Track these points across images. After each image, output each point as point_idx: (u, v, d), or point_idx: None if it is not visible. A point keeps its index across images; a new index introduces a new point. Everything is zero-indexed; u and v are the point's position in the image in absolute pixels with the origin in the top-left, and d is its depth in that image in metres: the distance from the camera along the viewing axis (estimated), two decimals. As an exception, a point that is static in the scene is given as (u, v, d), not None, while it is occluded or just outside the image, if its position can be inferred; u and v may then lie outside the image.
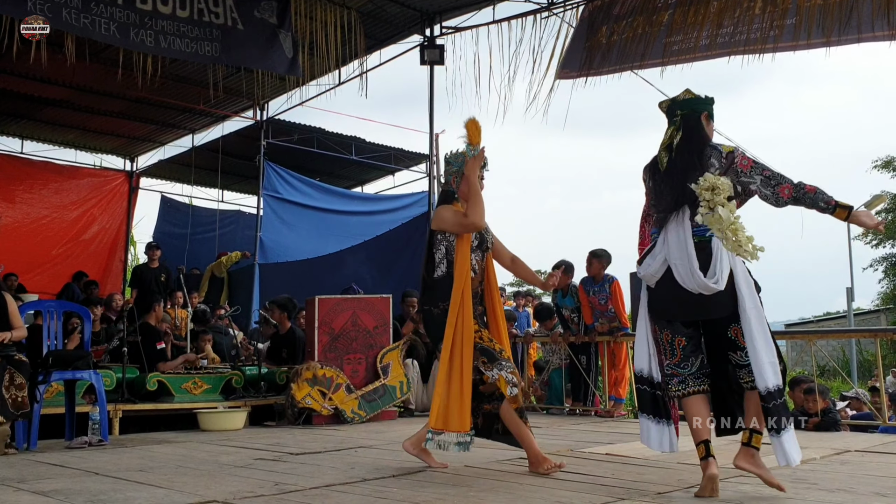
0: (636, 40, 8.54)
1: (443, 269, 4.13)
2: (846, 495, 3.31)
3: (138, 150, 14.60)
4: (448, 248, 4.14)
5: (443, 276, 4.11)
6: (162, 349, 7.84)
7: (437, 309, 4.09)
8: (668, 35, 8.33)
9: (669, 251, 3.36)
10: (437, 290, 4.11)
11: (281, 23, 8.92)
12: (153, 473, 4.18)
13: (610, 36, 8.79)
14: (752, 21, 7.73)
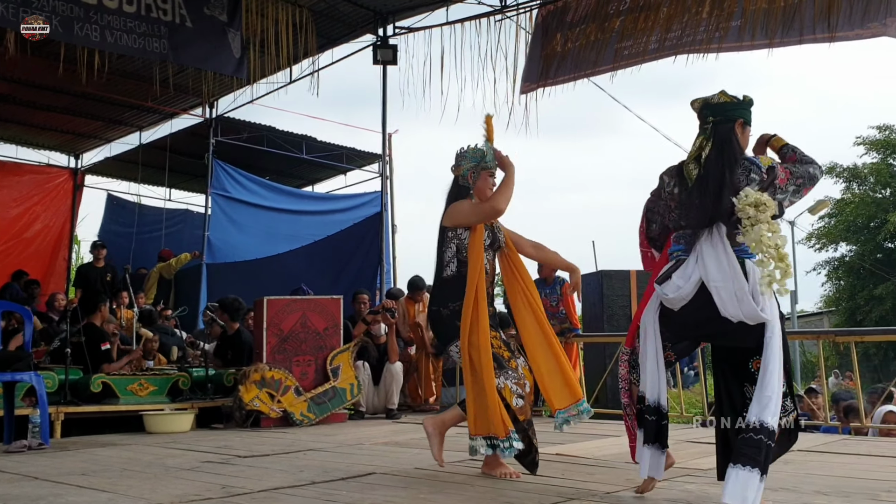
0: (589, 47, 8.62)
1: (452, 268, 4.00)
2: (789, 494, 3.38)
3: (83, 146, 14.28)
4: (459, 246, 4.01)
5: (453, 276, 3.99)
6: (107, 350, 7.66)
7: (445, 310, 3.97)
8: (619, 41, 8.42)
9: (708, 273, 3.03)
10: (446, 289, 4.00)
11: (231, 20, 8.81)
12: (96, 477, 4.08)
13: (564, 44, 8.86)
14: (700, 24, 7.86)
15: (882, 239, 26.30)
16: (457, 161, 4.14)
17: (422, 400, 8.66)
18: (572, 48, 8.79)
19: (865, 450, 4.80)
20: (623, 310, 8.75)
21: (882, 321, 24.85)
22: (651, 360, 3.20)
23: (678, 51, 7.98)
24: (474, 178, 4.09)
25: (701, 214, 3.10)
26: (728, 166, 3.12)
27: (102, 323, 7.96)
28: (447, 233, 4.03)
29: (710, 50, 7.79)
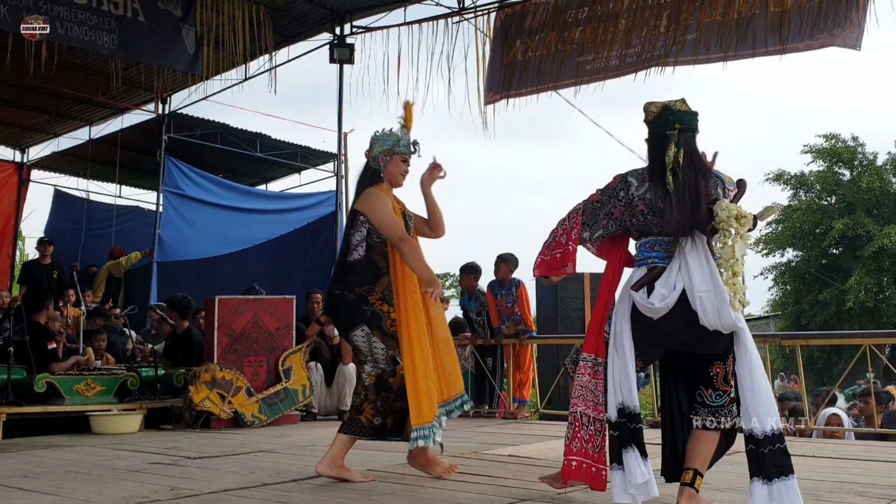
0: (550, 58, 8.67)
1: (360, 252, 3.89)
2: (736, 494, 3.44)
3: (30, 140, 13.96)
4: (371, 230, 3.88)
5: (360, 260, 3.88)
6: (53, 349, 7.49)
7: (351, 294, 3.85)
8: (580, 54, 8.49)
9: (693, 282, 2.99)
10: (352, 274, 3.88)
11: (185, 16, 8.68)
12: (40, 479, 3.98)
13: (525, 52, 8.91)
14: (658, 39, 7.97)
15: (827, 245, 26.94)
16: (370, 144, 4.04)
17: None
18: (533, 57, 8.83)
19: (809, 451, 4.91)
20: (577, 312, 8.84)
21: (826, 325, 25.46)
22: (628, 369, 3.12)
23: (638, 67, 8.07)
24: (385, 161, 3.98)
25: (683, 223, 3.04)
26: (702, 176, 3.12)
27: (47, 321, 7.79)
28: (359, 216, 3.91)
29: (667, 63, 7.91)
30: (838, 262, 26.87)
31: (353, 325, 3.86)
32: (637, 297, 3.09)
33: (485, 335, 8.02)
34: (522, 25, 8.98)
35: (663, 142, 3.15)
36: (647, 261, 3.16)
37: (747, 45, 7.41)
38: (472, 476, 3.94)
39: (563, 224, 3.24)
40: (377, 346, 3.83)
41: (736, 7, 7.48)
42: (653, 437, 5.60)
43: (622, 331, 3.12)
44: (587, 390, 3.20)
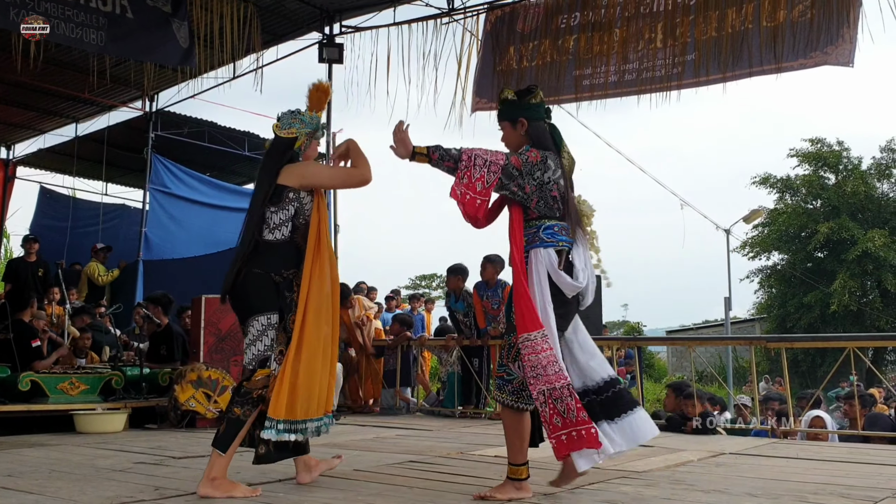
0: (546, 69, 8.68)
1: (285, 232, 3.63)
2: (721, 496, 3.46)
3: (16, 137, 13.87)
4: (298, 210, 3.64)
5: (284, 241, 3.63)
6: (37, 347, 7.45)
7: (278, 276, 3.59)
8: (577, 67, 8.51)
9: (587, 266, 3.40)
10: (274, 254, 3.60)
11: (175, 11, 8.63)
12: (23, 479, 3.96)
13: (520, 60, 8.91)
14: (656, 55, 8.00)
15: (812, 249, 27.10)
16: (286, 121, 3.78)
17: (362, 401, 8.63)
18: (529, 67, 8.84)
19: (794, 453, 4.95)
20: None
21: (810, 328, 25.62)
22: (561, 349, 3.32)
23: (641, 88, 8.10)
24: (306, 145, 3.80)
25: (573, 211, 3.45)
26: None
27: (32, 319, 7.75)
28: (287, 193, 3.62)
29: (671, 87, 7.96)
30: (823, 265, 27.04)
31: (264, 310, 3.56)
32: (565, 277, 3.33)
33: (471, 336, 8.04)
34: (514, 29, 8.99)
35: (548, 131, 3.52)
36: (557, 243, 3.38)
37: (744, 64, 7.47)
38: (459, 476, 3.95)
39: (482, 169, 3.31)
40: (265, 340, 3.55)
41: (730, 21, 7.54)
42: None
43: (547, 310, 3.29)
44: (540, 367, 3.25)
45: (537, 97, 3.57)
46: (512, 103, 3.58)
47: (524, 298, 3.29)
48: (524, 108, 3.56)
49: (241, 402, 3.50)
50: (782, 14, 7.27)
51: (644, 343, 13.81)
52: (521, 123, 3.54)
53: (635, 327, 30.61)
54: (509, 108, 3.59)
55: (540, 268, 3.33)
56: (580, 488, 3.60)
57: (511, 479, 3.40)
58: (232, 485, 3.45)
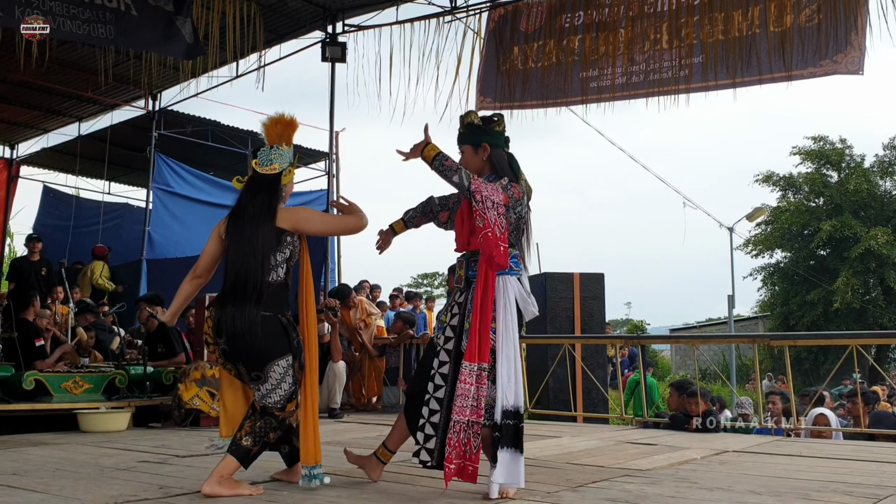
0: (552, 70, 8.67)
1: (280, 273, 3.61)
2: (724, 493, 3.46)
3: (19, 136, 13.89)
4: (292, 253, 3.65)
5: (280, 283, 3.61)
6: (41, 346, 7.47)
7: (284, 318, 3.60)
8: (583, 68, 8.50)
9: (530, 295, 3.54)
10: (276, 296, 3.59)
11: (178, 10, 8.64)
12: (28, 477, 3.97)
13: (525, 61, 8.91)
14: (662, 57, 7.99)
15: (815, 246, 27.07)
16: (265, 158, 3.78)
17: (365, 399, 8.63)
18: (535, 68, 8.83)
19: (797, 450, 4.94)
20: (566, 312, 8.85)
21: (813, 326, 25.60)
22: (518, 372, 3.35)
23: (649, 91, 8.10)
24: (287, 178, 3.79)
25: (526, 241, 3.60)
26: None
27: (35, 318, 7.76)
28: (285, 236, 3.62)
29: (679, 91, 7.95)
30: (826, 263, 27.01)
31: (280, 354, 3.54)
32: (532, 304, 3.48)
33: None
34: (517, 28, 8.98)
35: (509, 160, 3.61)
36: (517, 271, 3.49)
37: (753, 71, 7.47)
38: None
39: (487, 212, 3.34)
40: (288, 380, 3.54)
41: (736, 24, 7.52)
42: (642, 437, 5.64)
43: (514, 336, 3.34)
44: (469, 398, 3.27)
45: (501, 125, 3.64)
46: (477, 128, 3.61)
47: (486, 328, 3.31)
48: (488, 134, 3.61)
49: (276, 428, 3.54)
50: (789, 19, 7.26)
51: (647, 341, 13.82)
52: (484, 149, 3.59)
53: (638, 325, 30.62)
54: (473, 133, 3.62)
55: (509, 295, 3.39)
56: (584, 486, 3.61)
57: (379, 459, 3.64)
58: (236, 484, 3.46)
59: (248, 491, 3.44)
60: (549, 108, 8.92)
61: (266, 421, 3.50)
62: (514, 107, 9.07)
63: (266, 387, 3.52)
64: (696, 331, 29.29)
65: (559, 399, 8.19)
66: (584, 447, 5.15)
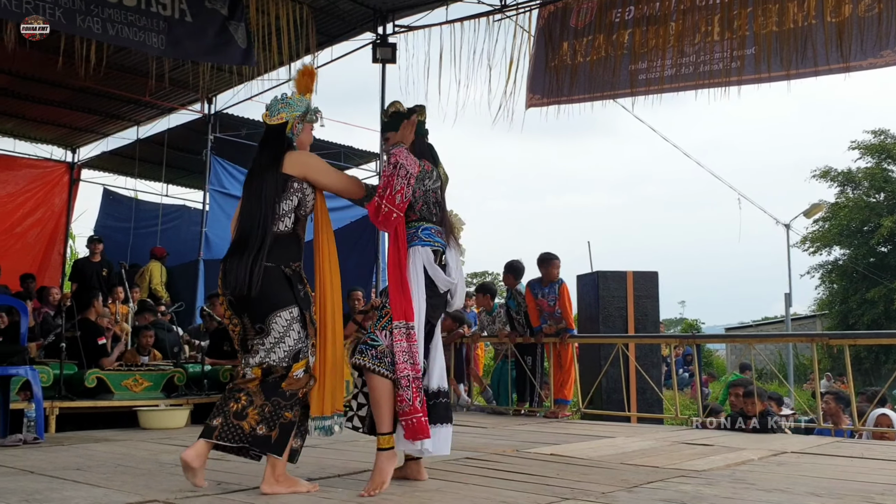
0: (601, 64, 8.61)
1: (288, 223, 3.52)
2: (782, 495, 3.39)
3: (80, 140, 14.25)
4: (302, 201, 3.54)
5: (287, 233, 3.52)
6: (103, 345, 7.67)
7: (287, 269, 3.48)
8: (632, 61, 8.43)
9: (457, 270, 3.75)
10: (281, 247, 3.49)
11: (232, 14, 8.78)
12: (91, 472, 4.08)
13: (574, 56, 8.86)
14: (713, 49, 7.87)
15: (875, 243, 26.37)
16: (275, 109, 3.69)
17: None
18: (583, 63, 8.77)
19: (858, 452, 4.83)
20: (619, 311, 8.76)
21: (874, 325, 24.93)
22: (421, 336, 3.59)
23: (698, 83, 7.99)
24: (298, 129, 3.68)
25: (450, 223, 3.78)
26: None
27: (97, 318, 7.97)
28: (291, 182, 3.52)
29: (731, 83, 7.82)
30: (886, 260, 26.28)
31: (283, 305, 3.43)
32: (440, 272, 3.65)
33: (524, 334, 8.03)
34: (567, 25, 8.94)
35: (429, 148, 3.85)
36: (433, 243, 3.68)
37: (809, 62, 7.31)
38: (515, 474, 3.95)
39: (401, 183, 3.53)
40: (293, 335, 3.44)
41: (791, 15, 7.36)
42: (699, 438, 5.57)
43: (420, 302, 3.57)
44: (407, 354, 3.50)
45: (423, 114, 3.90)
46: (401, 115, 3.82)
47: (405, 290, 3.54)
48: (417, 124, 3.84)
49: (289, 405, 3.41)
50: (848, 8, 7.07)
51: (702, 340, 13.62)
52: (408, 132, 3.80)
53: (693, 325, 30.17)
54: (398, 120, 3.80)
55: (418, 263, 3.61)
56: (639, 487, 3.58)
57: (382, 450, 3.53)
58: (293, 481, 3.48)
59: (306, 488, 3.47)
60: (597, 101, 8.86)
61: (274, 402, 3.37)
62: (561, 102, 9.03)
63: (269, 340, 3.42)
64: (752, 330, 28.72)
65: (612, 399, 8.12)
66: (639, 447, 5.10)
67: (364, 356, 3.54)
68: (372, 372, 3.52)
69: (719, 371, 22.27)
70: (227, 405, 3.43)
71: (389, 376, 3.50)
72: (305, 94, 3.79)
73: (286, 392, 3.41)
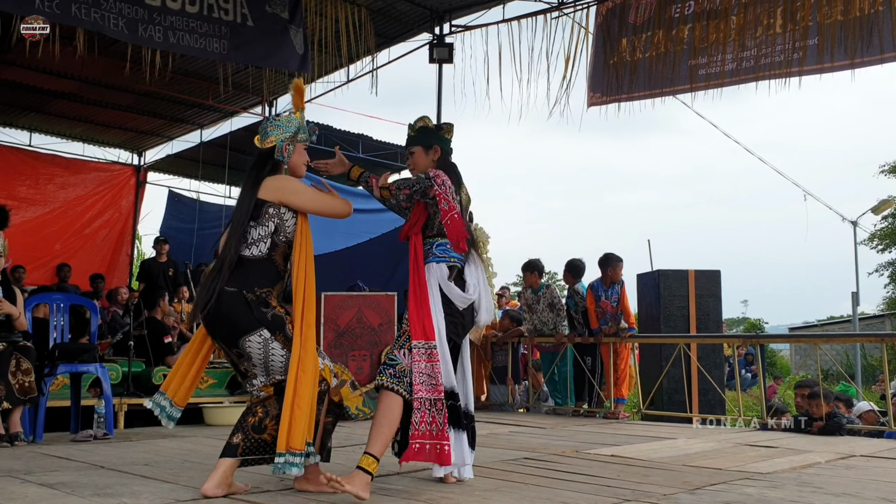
0: (660, 60, 8.51)
1: (262, 249, 3.43)
2: (852, 500, 3.31)
3: (146, 144, 14.61)
4: (279, 227, 3.45)
5: (261, 259, 3.43)
6: (169, 343, 7.86)
7: (251, 294, 3.37)
8: (692, 56, 8.31)
9: (480, 284, 3.65)
10: (250, 271, 3.41)
11: (292, 18, 8.91)
12: (158, 467, 4.20)
13: (633, 52, 8.77)
14: (775, 41, 7.71)
15: (949, 240, 25.46)
16: (265, 132, 3.64)
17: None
18: (643, 59, 8.68)
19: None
20: (680, 310, 8.62)
21: (948, 325, 24.06)
22: (447, 354, 3.50)
23: (758, 75, 7.84)
24: (289, 151, 3.61)
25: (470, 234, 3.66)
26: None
27: (163, 316, 8.17)
28: (266, 208, 3.44)
29: (792, 74, 7.65)
30: (960, 257, 25.35)
31: (250, 329, 3.35)
32: (455, 289, 3.55)
33: (582, 334, 7.98)
34: (626, 21, 8.85)
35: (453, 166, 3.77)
36: (448, 259, 3.59)
37: (874, 50, 7.10)
38: (575, 475, 3.93)
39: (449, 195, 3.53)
40: (275, 353, 3.37)
41: (857, 4, 7.16)
42: (762, 439, 5.46)
43: (439, 320, 3.49)
44: (426, 375, 3.42)
45: (450, 132, 3.86)
46: (430, 131, 3.80)
47: (425, 308, 3.47)
48: (439, 139, 3.80)
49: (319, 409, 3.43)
50: None
51: (766, 340, 13.29)
52: (435, 151, 3.77)
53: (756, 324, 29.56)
54: (425, 135, 3.79)
55: (432, 280, 3.54)
56: (701, 489, 3.53)
57: (363, 470, 3.31)
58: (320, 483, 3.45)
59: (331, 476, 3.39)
60: (657, 97, 8.74)
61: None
62: (621, 99, 8.94)
63: (256, 363, 3.38)
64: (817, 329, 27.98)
65: (674, 400, 8.00)
66: (701, 449, 5.02)
67: (382, 375, 3.47)
68: (386, 388, 3.43)
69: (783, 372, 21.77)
70: (245, 420, 3.43)
71: (405, 396, 3.41)
72: (295, 113, 3.76)
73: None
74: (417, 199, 3.58)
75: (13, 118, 12.83)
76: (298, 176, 3.67)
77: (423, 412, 3.38)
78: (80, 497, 3.32)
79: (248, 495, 3.39)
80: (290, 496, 3.42)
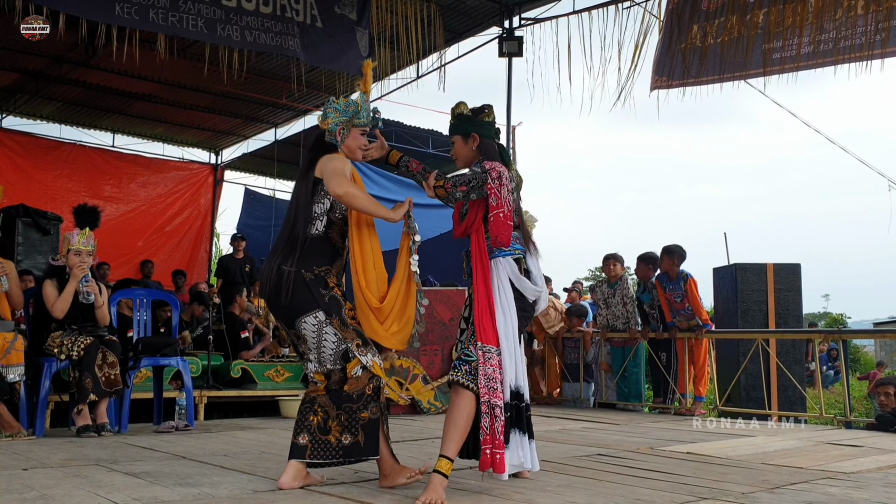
0: (733, 45, 8.28)
1: (320, 226, 3.45)
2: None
3: (223, 143, 14.96)
4: (334, 204, 3.47)
5: (319, 236, 3.45)
6: (246, 338, 8.04)
7: (309, 273, 3.37)
8: (766, 41, 8.07)
9: (540, 274, 3.57)
10: (309, 250, 3.42)
11: (360, 19, 9.00)
12: (237, 459, 4.30)
13: (704, 38, 8.57)
14: (856, 23, 7.43)
15: None
16: (324, 114, 3.63)
17: (544, 393, 8.64)
18: (714, 44, 8.47)
19: None
20: (759, 305, 8.40)
21: None
22: (517, 352, 3.40)
23: (837, 58, 7.57)
24: (343, 134, 3.59)
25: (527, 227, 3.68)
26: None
27: (241, 312, 8.36)
28: (321, 185, 3.46)
29: (873, 56, 7.35)
30: None
31: (307, 310, 3.35)
32: (526, 282, 3.45)
33: (657, 329, 7.84)
34: (699, 8, 8.64)
35: (499, 151, 3.60)
36: (513, 252, 3.47)
37: None
38: (650, 472, 3.87)
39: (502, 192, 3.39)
40: (329, 338, 3.36)
41: None
42: (845, 438, 5.28)
43: (510, 316, 3.38)
44: (491, 380, 3.31)
45: (490, 116, 3.66)
46: (466, 118, 3.65)
47: (488, 311, 3.36)
48: (477, 125, 3.62)
49: (361, 406, 3.34)
50: None
51: (849, 336, 12.85)
52: (474, 139, 3.60)
53: (838, 319, 28.61)
54: (462, 123, 3.64)
55: (502, 275, 3.42)
56: (781, 488, 3.43)
57: (439, 473, 3.20)
58: (403, 470, 3.48)
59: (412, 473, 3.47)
60: (726, 81, 8.51)
61: (346, 409, 3.33)
62: (688, 84, 8.74)
63: (310, 346, 3.40)
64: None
65: (752, 397, 7.81)
66: (781, 447, 4.89)
67: (458, 371, 3.36)
68: (460, 385, 3.32)
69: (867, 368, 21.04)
70: (307, 419, 3.41)
71: (478, 393, 3.32)
72: (364, 93, 3.73)
73: (352, 394, 3.35)
74: (475, 196, 3.45)
75: (97, 120, 13.31)
76: (353, 159, 3.65)
77: (489, 417, 3.30)
78: (164, 486, 3.42)
79: (324, 487, 3.44)
80: (365, 487, 3.46)
